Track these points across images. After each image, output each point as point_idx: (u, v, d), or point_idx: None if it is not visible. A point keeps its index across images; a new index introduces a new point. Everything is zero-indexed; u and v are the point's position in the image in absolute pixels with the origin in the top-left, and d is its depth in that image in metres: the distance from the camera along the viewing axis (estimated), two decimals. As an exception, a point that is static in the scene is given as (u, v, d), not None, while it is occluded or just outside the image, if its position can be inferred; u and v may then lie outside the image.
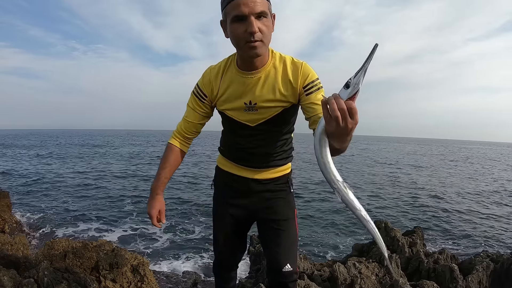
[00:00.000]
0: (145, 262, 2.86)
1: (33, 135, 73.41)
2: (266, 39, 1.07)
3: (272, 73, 1.18)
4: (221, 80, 1.25)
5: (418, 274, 3.20)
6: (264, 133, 1.28)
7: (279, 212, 1.38)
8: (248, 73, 1.18)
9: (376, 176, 16.44)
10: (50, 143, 40.07)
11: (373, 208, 9.33)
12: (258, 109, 1.22)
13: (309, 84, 1.17)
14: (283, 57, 1.21)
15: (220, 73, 1.25)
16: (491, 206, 10.31)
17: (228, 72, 1.23)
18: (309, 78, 1.17)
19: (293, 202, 1.45)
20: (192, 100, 1.32)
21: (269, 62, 1.19)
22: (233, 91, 1.22)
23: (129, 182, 12.52)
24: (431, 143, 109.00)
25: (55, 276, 2.01)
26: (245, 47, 1.06)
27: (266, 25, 1.05)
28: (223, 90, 1.24)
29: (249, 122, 1.26)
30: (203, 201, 9.32)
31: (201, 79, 1.29)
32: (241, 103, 1.22)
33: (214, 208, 1.51)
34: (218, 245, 1.48)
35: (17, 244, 3.25)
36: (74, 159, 20.61)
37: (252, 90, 1.20)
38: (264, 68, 1.18)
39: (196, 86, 1.30)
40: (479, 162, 31.29)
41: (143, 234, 6.34)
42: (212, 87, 1.26)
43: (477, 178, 17.84)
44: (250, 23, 1.00)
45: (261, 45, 1.06)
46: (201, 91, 1.28)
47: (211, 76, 1.26)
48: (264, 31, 1.04)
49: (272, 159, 1.35)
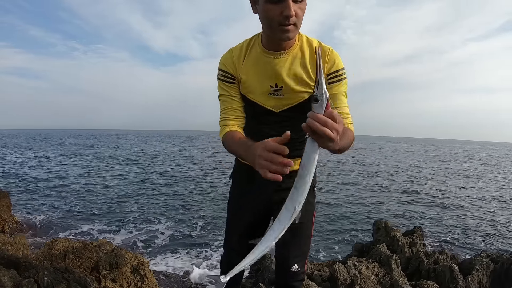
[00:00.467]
0: (145, 262, 2.86)
1: (33, 135, 73.41)
2: (299, 22, 1.01)
3: (299, 56, 1.13)
4: (244, 60, 1.17)
5: (418, 274, 3.20)
6: (289, 120, 1.19)
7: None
8: (275, 53, 1.11)
9: (376, 175, 16.43)
10: (50, 143, 40.06)
11: (373, 208, 9.33)
12: (283, 94, 1.15)
13: (333, 72, 1.13)
14: (310, 40, 1.15)
15: (243, 53, 1.17)
16: (491, 206, 10.31)
17: (252, 51, 1.16)
18: (335, 66, 1.13)
19: (314, 203, 1.39)
20: (222, 87, 1.21)
21: (296, 44, 1.13)
22: (257, 72, 1.15)
23: (129, 182, 12.51)
24: (430, 143, 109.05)
25: (55, 276, 2.01)
26: (278, 29, 1.00)
27: (302, 9, 0.99)
28: (247, 71, 1.16)
29: (273, 107, 1.19)
30: (203, 201, 9.31)
31: (222, 62, 1.20)
32: (266, 85, 1.15)
33: (230, 202, 1.44)
34: (230, 241, 1.41)
35: (17, 244, 3.25)
36: (74, 159, 20.60)
37: (278, 72, 1.13)
38: (291, 50, 1.12)
39: (220, 71, 1.20)
40: (479, 162, 31.29)
41: (143, 234, 6.33)
42: (236, 68, 1.17)
43: (477, 178, 17.84)
44: (288, 6, 0.94)
45: (294, 29, 1.01)
46: (227, 72, 1.18)
47: (233, 57, 1.18)
48: (299, 15, 0.99)
49: (296, 148, 1.20)
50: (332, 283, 2.72)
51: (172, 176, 14.14)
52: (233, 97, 1.19)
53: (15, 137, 59.02)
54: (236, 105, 1.20)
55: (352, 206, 9.38)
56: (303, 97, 1.16)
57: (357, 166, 20.78)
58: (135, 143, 44.50)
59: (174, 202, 9.14)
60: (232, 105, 1.19)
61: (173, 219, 7.40)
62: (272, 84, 1.14)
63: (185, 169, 16.52)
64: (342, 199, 10.16)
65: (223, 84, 1.20)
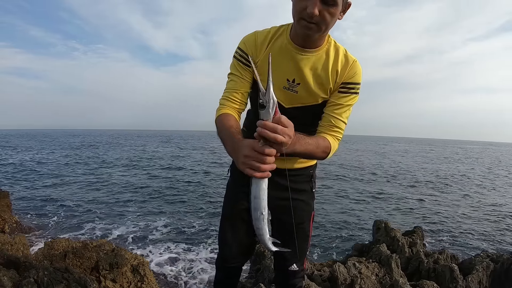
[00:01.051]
0: (145, 262, 2.86)
1: (34, 135, 73.41)
2: (325, 25, 0.97)
3: (324, 59, 1.10)
4: (267, 46, 1.12)
5: (418, 274, 3.19)
6: (294, 118, 1.16)
7: (296, 215, 1.30)
8: (301, 49, 1.08)
9: (376, 176, 16.43)
10: (51, 143, 40.05)
11: (373, 208, 9.33)
12: (298, 91, 1.13)
13: (349, 83, 1.11)
14: (337, 46, 1.13)
15: (268, 39, 1.12)
16: (492, 206, 10.31)
17: (278, 40, 1.12)
18: (353, 78, 1.11)
19: (313, 204, 1.38)
20: (236, 67, 1.15)
21: (324, 46, 1.10)
22: (278, 63, 1.10)
23: (129, 182, 12.50)
24: (429, 143, 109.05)
25: (55, 276, 2.01)
26: (299, 23, 0.98)
27: (331, 13, 0.95)
28: (267, 58, 1.12)
29: (283, 102, 1.15)
30: (203, 201, 9.31)
31: (244, 41, 1.14)
32: (283, 78, 1.12)
33: (227, 195, 1.41)
34: (224, 236, 1.37)
35: (17, 244, 3.25)
36: (74, 159, 20.59)
37: (300, 68, 1.10)
38: (317, 51, 1.09)
39: (238, 50, 1.15)
40: (479, 162, 31.29)
41: (143, 234, 6.33)
42: (256, 51, 1.12)
43: (477, 177, 17.84)
44: (312, 4, 0.91)
45: (315, 29, 0.98)
46: (245, 53, 1.13)
47: (257, 39, 1.13)
48: (326, 17, 0.95)
49: None
50: (332, 283, 2.72)
51: (172, 176, 14.14)
52: (243, 79, 1.14)
53: (15, 137, 59.02)
54: (243, 88, 1.15)
55: (352, 206, 9.38)
56: (316, 100, 1.15)
57: (357, 166, 20.77)
58: (135, 143, 44.51)
59: (174, 202, 9.14)
60: (238, 87, 1.14)
61: (173, 219, 7.39)
62: (290, 78, 1.12)
63: (185, 169, 16.51)
64: (342, 199, 10.16)
65: (237, 64, 1.15)
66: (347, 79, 1.11)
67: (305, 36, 1.03)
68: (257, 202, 0.94)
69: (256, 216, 0.97)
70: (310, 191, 1.37)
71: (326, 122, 1.16)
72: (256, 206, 0.95)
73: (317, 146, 1.06)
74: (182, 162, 20.26)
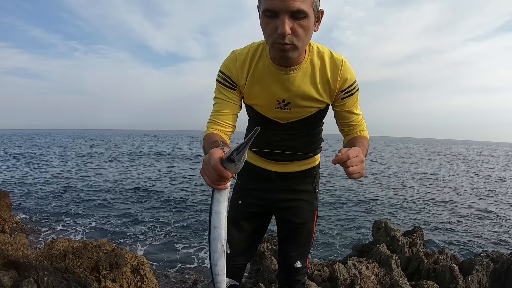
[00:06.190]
0: (145, 262, 2.85)
1: (34, 135, 73.40)
2: (300, 42, 0.90)
3: (310, 71, 1.06)
4: (249, 70, 1.08)
5: (418, 274, 3.19)
6: (293, 129, 1.19)
7: (299, 215, 1.34)
8: (283, 69, 1.04)
9: (376, 176, 16.43)
10: (51, 143, 40.06)
11: (373, 208, 9.33)
12: (291, 108, 1.11)
13: (346, 88, 1.09)
14: (321, 51, 1.06)
15: (247, 62, 1.08)
16: (492, 206, 10.30)
17: (260, 63, 1.07)
18: (348, 81, 1.08)
19: (316, 204, 1.40)
20: (221, 90, 1.11)
21: (306, 58, 1.04)
22: (265, 87, 1.08)
23: (129, 182, 12.51)
24: (429, 143, 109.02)
25: (55, 276, 2.01)
26: (273, 47, 0.93)
27: (304, 27, 0.87)
28: (253, 83, 1.09)
29: (279, 119, 1.16)
30: (205, 200, 9.31)
31: (225, 64, 1.10)
32: (273, 100, 1.10)
33: (231, 196, 1.42)
34: (229, 236, 1.40)
35: (17, 244, 3.24)
36: (74, 160, 20.60)
37: (287, 88, 1.07)
38: (301, 65, 1.04)
39: (221, 74, 1.10)
40: (478, 162, 31.29)
41: (143, 234, 6.33)
42: (238, 75, 1.09)
43: (477, 177, 17.84)
44: (281, 23, 0.84)
45: (292, 49, 0.91)
46: (229, 78, 1.09)
47: (236, 62, 1.08)
48: (299, 34, 0.87)
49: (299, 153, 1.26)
50: (332, 283, 2.72)
51: (172, 176, 14.14)
52: (229, 101, 1.11)
53: (15, 137, 59.02)
54: (230, 110, 1.10)
55: (352, 206, 9.38)
56: (311, 111, 1.14)
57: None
58: (135, 143, 44.50)
59: (174, 201, 9.14)
60: (224, 110, 1.10)
61: (173, 219, 7.39)
62: (279, 99, 1.10)
63: (186, 168, 16.51)
64: (342, 199, 10.16)
65: (221, 87, 1.11)
66: (342, 85, 1.09)
67: (283, 58, 0.98)
68: (216, 220, 0.82)
69: (214, 247, 0.83)
70: (313, 192, 1.39)
71: (350, 127, 1.20)
72: (217, 225, 0.82)
73: (366, 147, 1.10)
74: (183, 161, 20.26)
